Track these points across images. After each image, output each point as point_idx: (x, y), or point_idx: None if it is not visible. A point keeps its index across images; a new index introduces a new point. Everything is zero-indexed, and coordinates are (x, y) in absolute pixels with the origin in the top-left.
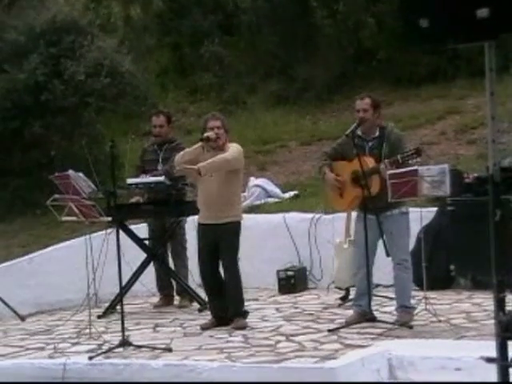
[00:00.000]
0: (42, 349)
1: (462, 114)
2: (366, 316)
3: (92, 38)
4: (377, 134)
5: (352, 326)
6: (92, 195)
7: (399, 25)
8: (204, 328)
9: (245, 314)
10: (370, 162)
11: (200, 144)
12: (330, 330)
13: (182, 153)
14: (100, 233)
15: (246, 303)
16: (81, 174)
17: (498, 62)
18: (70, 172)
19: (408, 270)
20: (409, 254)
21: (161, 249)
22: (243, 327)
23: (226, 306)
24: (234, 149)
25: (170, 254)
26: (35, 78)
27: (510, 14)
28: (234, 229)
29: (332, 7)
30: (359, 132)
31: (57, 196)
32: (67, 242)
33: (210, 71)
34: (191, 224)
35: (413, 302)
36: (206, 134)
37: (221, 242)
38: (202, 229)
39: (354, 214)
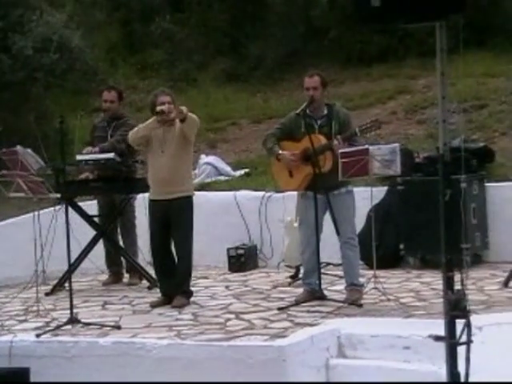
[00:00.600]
0: None
1: (413, 94)
2: (316, 294)
3: (41, 12)
4: (325, 112)
5: (302, 305)
6: (40, 171)
7: (350, 3)
8: (153, 306)
9: (188, 293)
10: (321, 139)
11: (153, 119)
12: (279, 309)
13: (135, 129)
14: (48, 209)
15: (196, 281)
16: (29, 150)
17: (449, 42)
18: (18, 148)
19: (355, 248)
20: (355, 232)
21: (110, 226)
22: (182, 306)
23: (175, 287)
24: (194, 116)
25: (119, 232)
26: None
27: None
28: (185, 204)
29: None
30: (308, 111)
31: (4, 172)
32: (14, 219)
33: (161, 48)
34: (141, 201)
35: (362, 280)
36: (159, 108)
37: (172, 218)
38: (153, 205)
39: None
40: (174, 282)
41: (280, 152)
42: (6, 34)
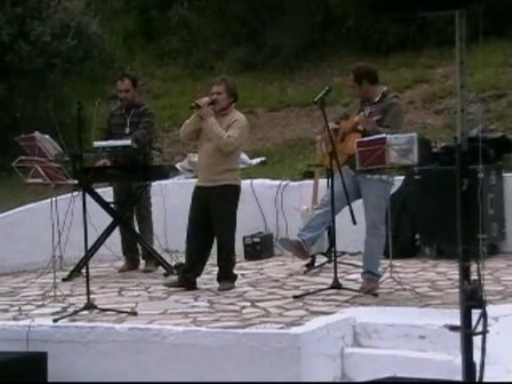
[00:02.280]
0: (6, 311)
1: (430, 84)
2: (301, 249)
3: None
4: (377, 99)
5: (317, 293)
6: (58, 157)
7: None
8: (167, 285)
9: (234, 277)
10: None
11: (196, 113)
12: (295, 297)
13: (183, 127)
14: (66, 196)
15: (212, 268)
16: (47, 136)
17: (468, 31)
18: (36, 134)
19: (381, 237)
20: (383, 221)
21: (126, 213)
22: (229, 289)
23: (198, 270)
24: (236, 130)
25: (135, 219)
26: (0, 38)
27: None
28: (227, 192)
29: None
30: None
31: (23, 157)
32: (32, 205)
33: (178, 35)
34: (157, 189)
35: (379, 270)
36: (193, 102)
37: (212, 206)
38: (196, 191)
39: (321, 182)
40: (196, 269)
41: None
42: (24, 20)
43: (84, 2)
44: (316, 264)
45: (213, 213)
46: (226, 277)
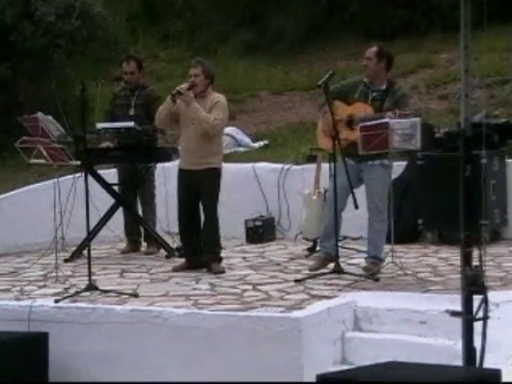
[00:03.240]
0: (8, 290)
1: (435, 69)
2: (330, 258)
3: None
4: (384, 87)
5: (319, 277)
6: (61, 138)
7: None
8: (175, 270)
9: (220, 259)
10: (369, 110)
11: (169, 97)
12: (296, 281)
13: (157, 113)
14: (68, 177)
15: None
16: (50, 117)
17: (473, 17)
18: (39, 114)
19: (383, 223)
20: (386, 207)
21: (130, 194)
22: (222, 271)
23: (198, 250)
24: (219, 112)
25: (138, 200)
26: (3, 18)
27: None
28: (212, 175)
29: None
30: (366, 80)
31: (25, 138)
32: (35, 185)
33: (182, 18)
34: (159, 171)
35: (384, 255)
36: (174, 90)
37: (200, 188)
38: (182, 174)
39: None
40: (196, 250)
41: (327, 111)
42: (28, 0)
43: None
44: (317, 248)
45: (201, 195)
46: (216, 259)
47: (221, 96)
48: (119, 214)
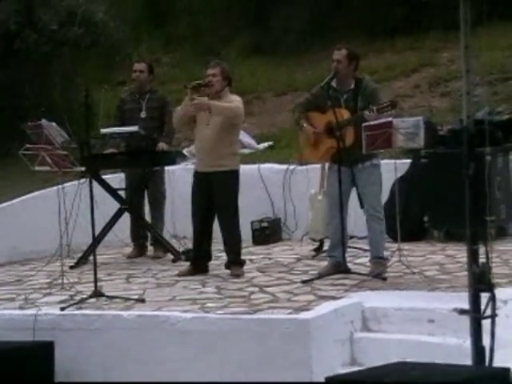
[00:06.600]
0: (13, 299)
1: (437, 67)
2: (340, 267)
3: None
4: (352, 86)
5: (325, 278)
6: (65, 144)
7: None
8: (180, 275)
9: (242, 262)
10: (345, 114)
11: (187, 98)
12: (303, 282)
13: (175, 113)
14: (73, 183)
15: (219, 254)
16: (53, 124)
17: (473, 15)
18: (43, 121)
19: (381, 221)
20: (381, 205)
21: (136, 199)
22: (241, 275)
23: (207, 255)
24: (238, 104)
25: (147, 204)
26: (7, 26)
27: None
28: (229, 177)
29: None
30: (334, 84)
31: (29, 145)
32: (39, 192)
33: (185, 21)
34: (165, 175)
35: (387, 253)
36: (191, 84)
37: (217, 190)
38: (197, 177)
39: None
40: (205, 255)
41: (304, 125)
42: (31, 8)
43: None
44: (324, 248)
45: (217, 199)
46: (236, 262)
47: (237, 97)
48: (124, 219)
